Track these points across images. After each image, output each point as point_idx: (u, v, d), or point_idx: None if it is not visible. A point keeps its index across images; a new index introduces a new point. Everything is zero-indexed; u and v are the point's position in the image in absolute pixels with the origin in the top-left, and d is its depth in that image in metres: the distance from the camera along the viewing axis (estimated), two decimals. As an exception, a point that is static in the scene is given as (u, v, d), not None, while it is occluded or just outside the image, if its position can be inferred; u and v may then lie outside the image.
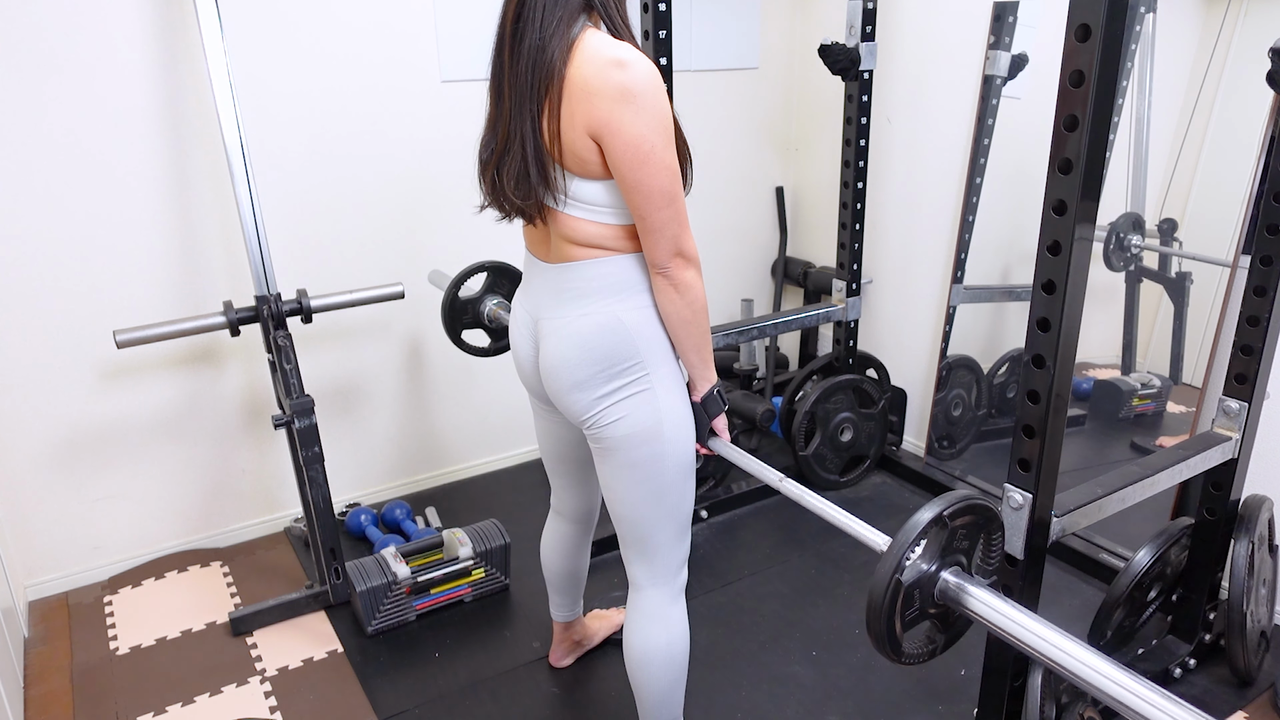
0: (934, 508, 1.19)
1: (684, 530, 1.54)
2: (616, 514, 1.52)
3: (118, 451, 2.32)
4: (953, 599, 1.22)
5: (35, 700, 1.95)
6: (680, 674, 1.59)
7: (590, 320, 1.40)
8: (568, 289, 1.42)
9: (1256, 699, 1.88)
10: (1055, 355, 1.27)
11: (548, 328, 1.46)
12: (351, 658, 2.07)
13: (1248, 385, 1.70)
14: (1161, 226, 2.20)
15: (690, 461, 1.49)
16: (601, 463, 1.49)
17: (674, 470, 1.46)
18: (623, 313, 1.40)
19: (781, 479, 1.51)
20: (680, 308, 1.37)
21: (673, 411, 1.44)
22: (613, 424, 1.42)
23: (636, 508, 1.49)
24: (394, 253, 2.54)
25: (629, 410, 1.41)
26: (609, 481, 1.50)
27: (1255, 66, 1.96)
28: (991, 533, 1.31)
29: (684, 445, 1.46)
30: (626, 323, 1.40)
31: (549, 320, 1.45)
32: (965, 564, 1.27)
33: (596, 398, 1.42)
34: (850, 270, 2.67)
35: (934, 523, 1.18)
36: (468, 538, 2.22)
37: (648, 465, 1.44)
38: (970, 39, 2.47)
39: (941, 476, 2.70)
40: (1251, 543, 1.80)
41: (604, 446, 1.46)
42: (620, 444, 1.43)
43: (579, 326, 1.41)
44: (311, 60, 2.29)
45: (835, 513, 1.42)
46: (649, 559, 1.53)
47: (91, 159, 2.11)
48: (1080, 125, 1.15)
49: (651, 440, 1.43)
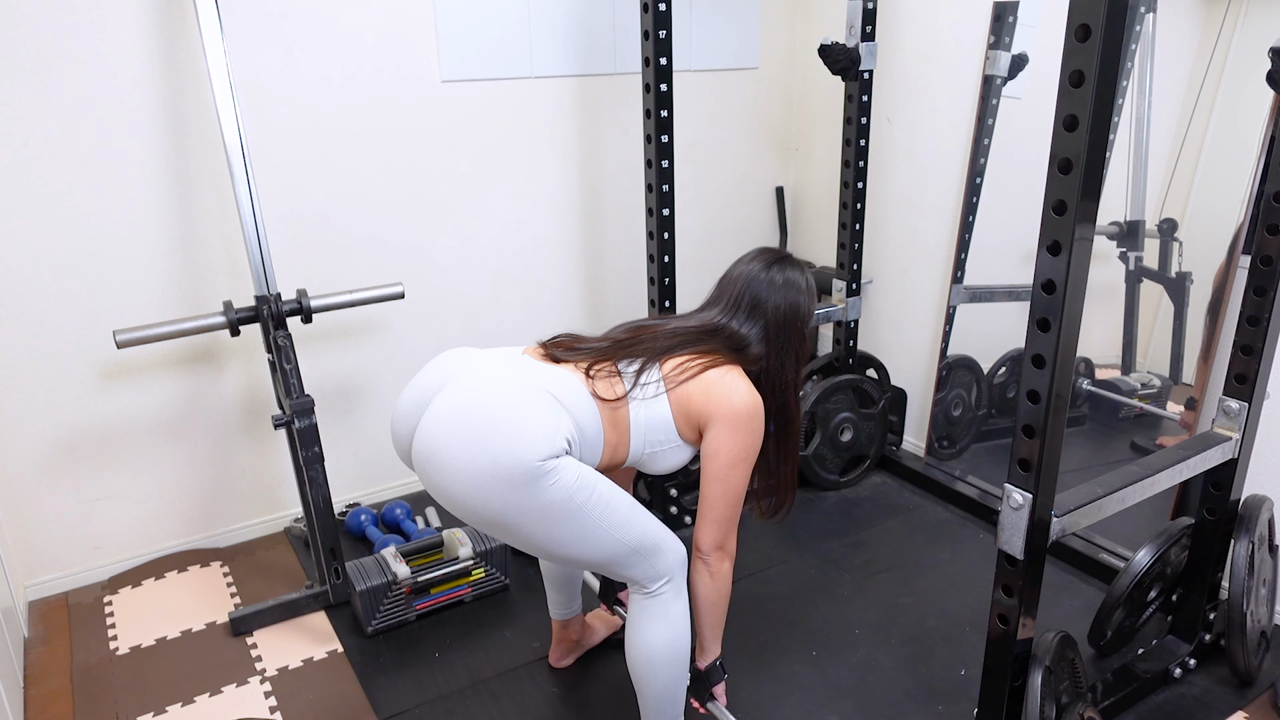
0: None
1: (650, 549, 1.53)
2: (575, 567, 1.56)
3: (118, 451, 2.32)
4: None
5: (35, 700, 1.95)
6: (682, 670, 1.60)
7: (534, 393, 1.44)
8: (546, 374, 1.48)
9: (1256, 699, 1.88)
10: (1056, 355, 1.27)
11: (474, 375, 1.48)
12: (351, 658, 2.07)
13: (1248, 385, 1.70)
14: (1161, 226, 2.20)
15: (610, 499, 1.47)
16: (523, 544, 1.48)
17: (607, 522, 1.46)
18: (561, 413, 1.44)
19: None
20: (710, 591, 1.60)
21: (573, 478, 1.42)
22: (518, 513, 1.41)
23: (588, 562, 1.52)
24: (394, 253, 2.54)
25: (533, 496, 1.39)
26: (547, 555, 1.51)
27: (1255, 66, 1.96)
28: None
29: (592, 492, 1.44)
30: (560, 417, 1.43)
31: (482, 372, 1.49)
32: None
33: (492, 475, 1.38)
34: (850, 270, 2.67)
35: None
36: (468, 538, 2.22)
37: (579, 535, 1.45)
38: (970, 39, 2.47)
39: (941, 476, 2.70)
40: (1251, 543, 1.80)
41: (518, 534, 1.45)
42: (535, 528, 1.43)
43: (516, 387, 1.45)
44: (312, 60, 2.29)
45: None
46: (632, 578, 1.56)
47: (91, 159, 2.11)
48: (1080, 125, 1.15)
49: (573, 515, 1.43)
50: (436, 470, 1.44)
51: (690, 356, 1.56)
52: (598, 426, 1.51)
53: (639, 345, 1.59)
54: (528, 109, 2.63)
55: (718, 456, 1.53)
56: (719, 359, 1.57)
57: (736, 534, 1.59)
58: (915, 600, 2.22)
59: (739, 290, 1.64)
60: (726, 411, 1.51)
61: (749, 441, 1.54)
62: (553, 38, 2.60)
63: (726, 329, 1.62)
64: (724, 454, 1.52)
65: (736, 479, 1.54)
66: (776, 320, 1.62)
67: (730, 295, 1.65)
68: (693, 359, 1.56)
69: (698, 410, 1.53)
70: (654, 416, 1.55)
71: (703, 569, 1.59)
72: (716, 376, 1.54)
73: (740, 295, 1.63)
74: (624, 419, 1.54)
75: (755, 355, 1.61)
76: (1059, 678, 1.54)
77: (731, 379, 1.54)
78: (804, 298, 1.64)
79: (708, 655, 1.72)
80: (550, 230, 2.78)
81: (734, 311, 1.63)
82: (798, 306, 1.63)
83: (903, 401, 2.91)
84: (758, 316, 1.62)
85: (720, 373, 1.55)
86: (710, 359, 1.56)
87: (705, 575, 1.59)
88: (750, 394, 1.54)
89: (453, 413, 1.43)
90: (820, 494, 2.74)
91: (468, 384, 1.47)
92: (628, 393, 1.53)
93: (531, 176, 2.70)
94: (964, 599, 2.22)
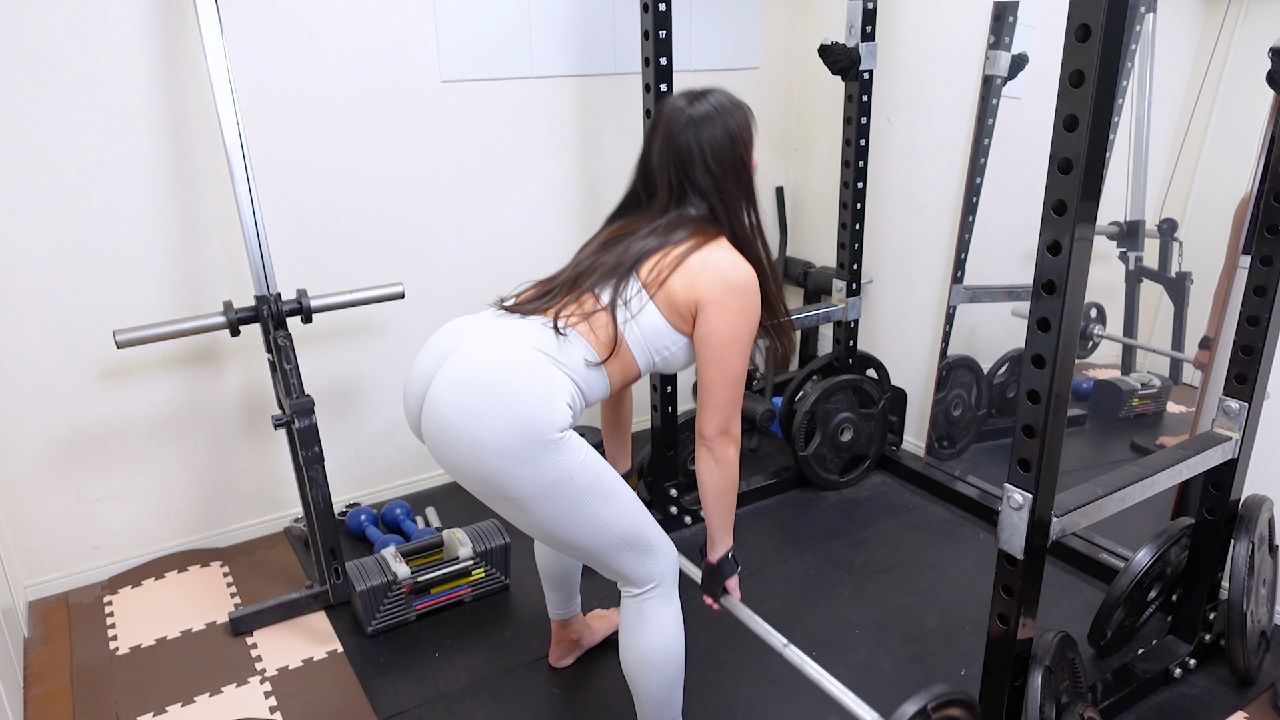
0: (919, 700, 1.30)
1: (642, 546, 1.52)
2: (565, 552, 1.54)
3: (118, 451, 2.32)
4: None
5: (35, 700, 1.95)
6: (676, 675, 1.59)
7: (526, 359, 1.42)
8: (534, 332, 1.44)
9: (1256, 699, 1.88)
10: (1055, 355, 1.27)
11: (470, 346, 1.45)
12: (351, 658, 2.07)
13: (1248, 385, 1.70)
14: (1161, 226, 2.20)
15: (611, 489, 1.47)
16: (518, 521, 1.48)
17: (600, 507, 1.45)
18: (560, 379, 1.42)
19: (786, 644, 1.62)
20: (717, 478, 1.53)
21: (575, 459, 1.42)
22: (518, 487, 1.40)
23: (579, 550, 1.50)
24: (394, 253, 2.54)
25: (532, 473, 1.39)
26: (536, 536, 1.51)
27: (1255, 66, 1.96)
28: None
29: (597, 480, 1.44)
30: (557, 387, 1.41)
31: (476, 341, 1.46)
32: None
33: (489, 446, 1.37)
34: (850, 270, 2.67)
35: (919, 714, 1.30)
36: (468, 538, 2.22)
37: (572, 515, 1.44)
38: (970, 39, 2.47)
39: (941, 476, 2.70)
40: (1251, 543, 1.80)
41: (515, 507, 1.44)
42: (531, 505, 1.42)
43: (509, 357, 1.42)
44: (312, 60, 2.29)
45: (832, 686, 1.53)
46: (622, 577, 1.55)
47: (91, 159, 2.11)
48: (1080, 125, 1.15)
49: (568, 494, 1.42)
50: (444, 447, 1.44)
51: (661, 255, 1.49)
52: (597, 365, 1.48)
53: (608, 267, 1.52)
54: (528, 109, 2.63)
55: (710, 340, 1.47)
56: (691, 242, 1.49)
57: (740, 416, 1.53)
58: (915, 600, 2.22)
59: (666, 165, 1.54)
60: (711, 294, 1.46)
61: (740, 318, 1.48)
62: (552, 38, 2.60)
63: (677, 215, 1.54)
64: (716, 335, 1.47)
65: (733, 359, 1.48)
66: (711, 176, 1.52)
67: (664, 178, 1.55)
68: (664, 255, 1.49)
69: (684, 303, 1.48)
70: (648, 327, 1.49)
71: (707, 456, 1.52)
72: (699, 262, 1.47)
73: (669, 171, 1.54)
74: (623, 344, 1.50)
75: (715, 220, 1.54)
76: (1059, 678, 1.54)
77: (712, 257, 1.48)
78: (724, 125, 1.52)
79: (718, 548, 1.63)
80: (550, 230, 2.78)
81: (671, 193, 1.55)
82: (721, 142, 1.52)
83: (903, 401, 2.91)
84: (693, 185, 1.53)
85: (700, 256, 1.48)
86: (683, 247, 1.49)
87: (710, 462, 1.53)
88: (734, 265, 1.48)
89: (451, 389, 1.42)
90: (820, 494, 2.74)
91: (463, 359, 1.44)
92: (614, 314, 1.48)
93: (531, 176, 2.70)
94: (964, 599, 2.22)
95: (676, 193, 1.54)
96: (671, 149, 1.53)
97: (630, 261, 1.50)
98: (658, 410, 2.46)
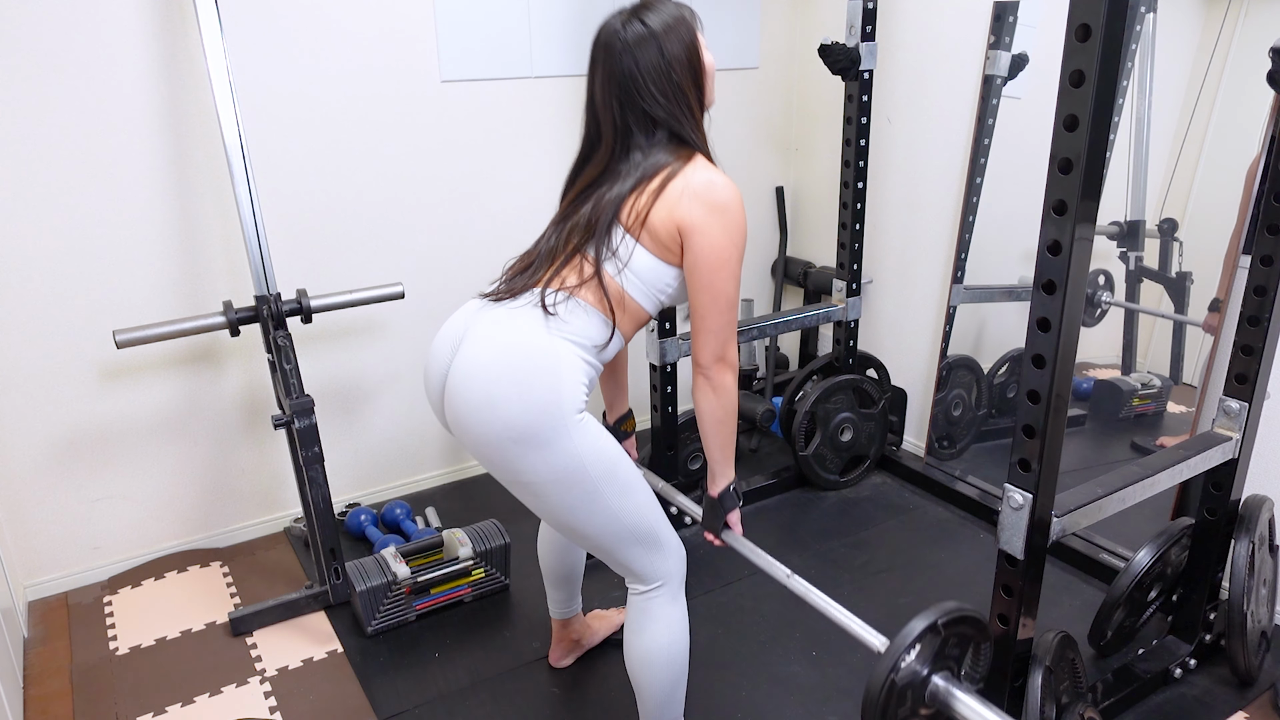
0: (928, 616, 1.30)
1: (652, 541, 1.51)
2: (579, 544, 1.53)
3: (118, 451, 2.32)
4: (941, 702, 1.32)
5: (35, 700, 1.95)
6: (681, 674, 1.59)
7: (531, 340, 1.40)
8: (531, 307, 1.42)
9: (1257, 699, 1.88)
10: (1056, 355, 1.27)
11: (479, 332, 1.44)
12: (351, 658, 2.07)
13: (1248, 385, 1.70)
14: (1161, 226, 2.20)
15: (626, 481, 1.46)
16: (535, 507, 1.48)
17: (613, 498, 1.44)
18: (566, 354, 1.40)
19: (789, 575, 1.59)
20: (715, 408, 1.47)
21: (591, 448, 1.41)
22: (529, 472, 1.40)
23: (591, 540, 1.50)
24: (394, 253, 2.54)
25: (546, 459, 1.39)
26: (550, 522, 1.50)
27: (1255, 66, 1.96)
28: (980, 643, 1.40)
29: (612, 470, 1.44)
30: (563, 363, 1.39)
31: (485, 325, 1.44)
32: (955, 670, 1.37)
33: (505, 434, 1.38)
34: (850, 270, 2.67)
35: (928, 630, 1.30)
36: (468, 538, 2.22)
37: (585, 503, 1.43)
38: (970, 39, 2.47)
39: (941, 476, 2.70)
40: (1252, 543, 1.80)
41: (531, 493, 1.44)
42: (546, 490, 1.42)
43: (515, 340, 1.41)
44: (311, 60, 2.28)
45: (837, 612, 1.53)
46: (631, 572, 1.55)
47: (91, 159, 2.11)
48: (1080, 125, 1.15)
49: (580, 482, 1.41)
50: (465, 435, 1.45)
51: (636, 194, 1.43)
52: (606, 326, 1.45)
53: (586, 224, 1.46)
54: (528, 109, 2.63)
55: (698, 266, 1.41)
56: (664, 172, 1.43)
57: (737, 341, 1.48)
58: (915, 600, 2.22)
59: (609, 102, 1.46)
60: (691, 219, 1.39)
61: (724, 239, 1.41)
62: (553, 38, 2.60)
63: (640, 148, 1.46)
64: (703, 260, 1.40)
65: (723, 282, 1.41)
66: (661, 104, 1.44)
67: (608, 117, 1.47)
68: (639, 194, 1.43)
69: (667, 235, 1.42)
70: (643, 271, 1.45)
71: (704, 384, 1.46)
72: (676, 190, 1.41)
73: (613, 110, 1.46)
74: (626, 297, 1.46)
75: (683, 141, 1.46)
76: (1059, 678, 1.54)
77: (690, 183, 1.41)
78: (662, 45, 1.44)
79: (719, 481, 1.57)
80: (550, 230, 2.78)
81: (624, 130, 1.46)
82: (662, 65, 1.43)
83: (903, 401, 2.91)
84: (646, 116, 1.45)
85: (678, 183, 1.41)
86: (657, 179, 1.42)
87: (708, 390, 1.46)
88: (711, 184, 1.41)
89: (464, 382, 1.42)
90: (820, 494, 2.74)
91: (473, 349, 1.43)
92: (604, 271, 1.44)
93: (531, 176, 2.70)
94: (964, 599, 2.21)
95: (629, 128, 1.46)
96: (613, 84, 1.45)
97: (607, 212, 1.44)
98: (658, 410, 2.46)
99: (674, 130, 1.46)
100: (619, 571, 1.56)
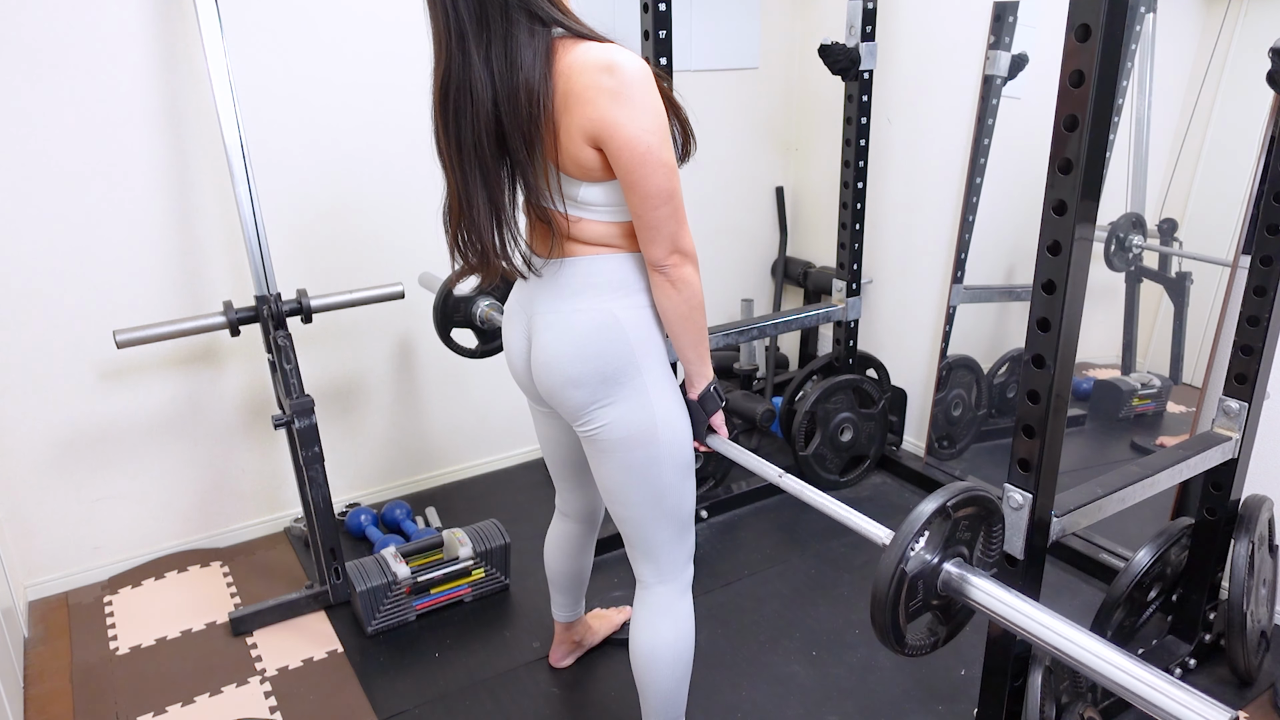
0: (937, 499, 1.21)
1: (686, 528, 1.54)
2: (616, 515, 1.52)
3: (118, 451, 2.32)
4: (955, 589, 1.23)
5: (35, 700, 1.95)
6: (686, 670, 1.59)
7: (586, 316, 1.40)
8: (566, 284, 1.41)
9: (1256, 699, 1.88)
10: (1056, 355, 1.27)
11: (542, 322, 1.45)
12: (351, 658, 2.07)
13: (1248, 385, 1.70)
14: (1161, 226, 2.20)
15: (688, 461, 1.49)
16: (598, 465, 1.49)
17: (671, 471, 1.46)
18: (619, 310, 1.40)
19: (781, 474, 1.51)
20: (678, 303, 1.37)
21: (667, 413, 1.43)
22: (606, 426, 1.42)
23: (636, 509, 1.49)
24: (394, 253, 2.54)
25: (623, 413, 1.41)
26: (606, 484, 1.50)
27: (1255, 66, 1.96)
28: (992, 525, 1.32)
29: (680, 446, 1.46)
30: (622, 321, 1.39)
31: (544, 315, 1.45)
32: (967, 555, 1.29)
33: (590, 398, 1.41)
34: (850, 270, 2.67)
35: (937, 513, 1.20)
36: (468, 538, 2.22)
37: (644, 468, 1.44)
38: (970, 39, 2.47)
39: (941, 476, 2.70)
40: (1251, 543, 1.80)
41: (599, 449, 1.45)
42: (615, 446, 1.43)
43: (574, 322, 1.41)
44: (312, 60, 2.28)
45: (836, 507, 1.43)
46: (654, 558, 1.54)
47: (91, 159, 2.11)
48: (1080, 125, 1.15)
49: (647, 443, 1.42)
50: (559, 406, 1.47)
51: (529, 124, 1.25)
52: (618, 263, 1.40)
53: (498, 180, 1.36)
54: (528, 109, 2.63)
55: (619, 163, 1.26)
56: (536, 73, 1.23)
57: (688, 229, 1.33)
58: (915, 600, 2.22)
59: (443, 5, 1.23)
60: (589, 117, 1.23)
61: (628, 118, 1.22)
62: (553, 38, 2.60)
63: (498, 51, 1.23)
64: (623, 155, 1.24)
65: (650, 170, 1.25)
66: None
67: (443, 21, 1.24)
68: (532, 105, 1.23)
69: (586, 155, 1.27)
70: (597, 199, 1.34)
71: (662, 281, 1.35)
72: (561, 91, 1.24)
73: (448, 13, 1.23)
74: (612, 227, 1.37)
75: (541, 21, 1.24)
76: (1059, 678, 1.54)
77: (572, 83, 1.23)
78: None
79: (697, 383, 1.48)
80: (550, 230, 2.78)
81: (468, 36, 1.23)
82: None
83: (903, 401, 2.91)
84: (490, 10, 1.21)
85: (560, 85, 1.24)
86: (540, 89, 1.23)
87: (667, 286, 1.35)
88: (585, 63, 1.22)
89: (546, 372, 1.45)
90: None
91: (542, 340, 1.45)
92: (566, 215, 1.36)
93: (531, 176, 2.69)
94: (964, 599, 2.22)
95: (474, 31, 1.22)
96: None
97: (518, 158, 1.29)
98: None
99: (531, 9, 1.23)
100: (641, 557, 1.55)
